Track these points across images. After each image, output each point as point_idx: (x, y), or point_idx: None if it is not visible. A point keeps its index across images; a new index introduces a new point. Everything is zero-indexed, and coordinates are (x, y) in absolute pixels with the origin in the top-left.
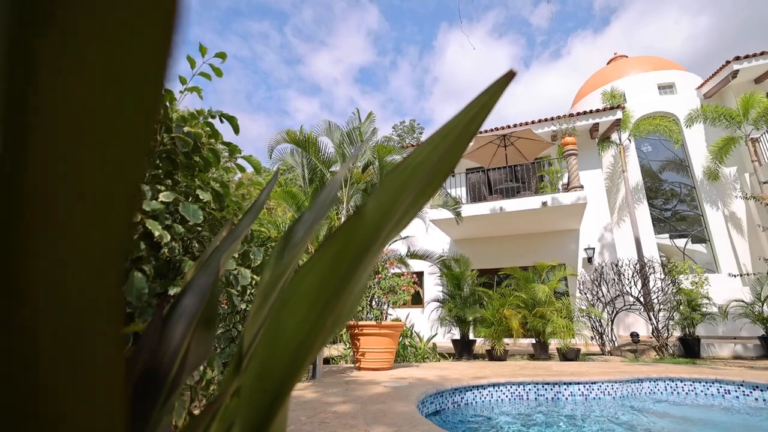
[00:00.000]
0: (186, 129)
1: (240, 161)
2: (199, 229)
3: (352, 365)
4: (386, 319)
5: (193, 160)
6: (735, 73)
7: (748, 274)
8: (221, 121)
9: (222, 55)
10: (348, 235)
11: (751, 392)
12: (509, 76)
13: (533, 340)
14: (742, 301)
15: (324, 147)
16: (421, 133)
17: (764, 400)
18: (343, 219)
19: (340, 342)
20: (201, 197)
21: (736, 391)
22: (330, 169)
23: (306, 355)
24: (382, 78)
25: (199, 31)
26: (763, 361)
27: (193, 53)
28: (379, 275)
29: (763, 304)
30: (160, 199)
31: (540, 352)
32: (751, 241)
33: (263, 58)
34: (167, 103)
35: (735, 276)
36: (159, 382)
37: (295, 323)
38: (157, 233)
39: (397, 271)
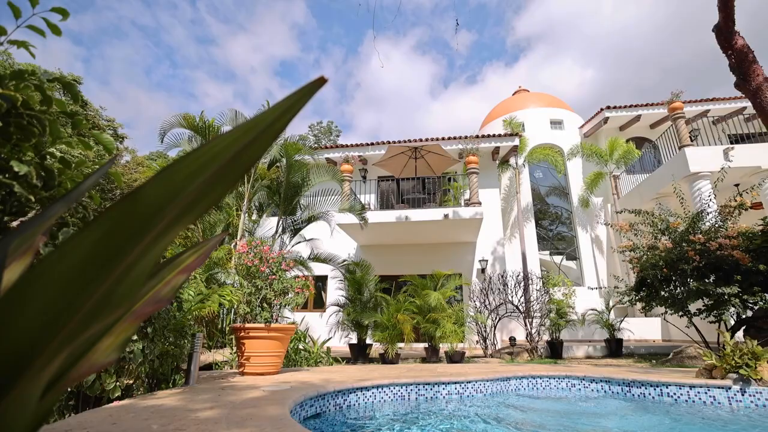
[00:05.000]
0: None
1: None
2: (27, 208)
3: (237, 371)
4: (277, 321)
5: (11, 127)
6: (606, 120)
7: (602, 288)
8: (63, 89)
9: (62, 12)
10: (120, 216)
11: (589, 384)
12: (319, 83)
13: (426, 344)
14: (596, 310)
15: None
16: (338, 136)
17: (596, 390)
18: (243, 216)
19: (226, 346)
20: (18, 170)
21: (579, 384)
22: None
23: (53, 336)
24: (304, 74)
25: None
26: (606, 360)
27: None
28: (273, 276)
29: (609, 313)
30: None
31: (431, 355)
32: (608, 260)
33: (169, 30)
34: None
35: (593, 289)
36: None
37: (42, 303)
38: None
39: (298, 273)
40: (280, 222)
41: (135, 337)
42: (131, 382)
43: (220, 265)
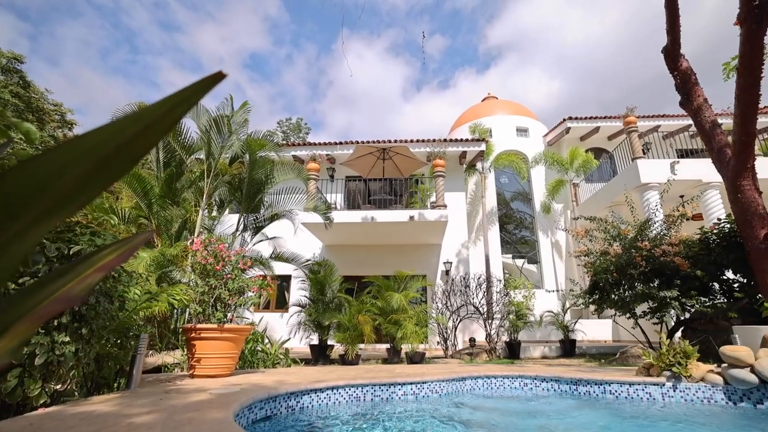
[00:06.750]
0: None
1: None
2: None
3: (187, 373)
4: (233, 322)
5: None
6: (568, 130)
7: (559, 291)
8: None
9: None
10: None
11: (540, 383)
12: (217, 77)
13: (388, 345)
14: (552, 311)
15: (186, 130)
16: (307, 133)
17: (546, 389)
18: (202, 213)
19: (178, 348)
20: None
21: (531, 383)
22: (193, 156)
23: None
24: (275, 69)
25: None
26: (560, 360)
27: None
28: (229, 275)
29: (565, 314)
30: None
31: (393, 356)
32: (566, 264)
33: (130, 13)
34: None
35: (551, 291)
36: None
37: None
38: None
39: (258, 272)
40: (242, 219)
41: (67, 339)
42: (62, 387)
43: (174, 262)
